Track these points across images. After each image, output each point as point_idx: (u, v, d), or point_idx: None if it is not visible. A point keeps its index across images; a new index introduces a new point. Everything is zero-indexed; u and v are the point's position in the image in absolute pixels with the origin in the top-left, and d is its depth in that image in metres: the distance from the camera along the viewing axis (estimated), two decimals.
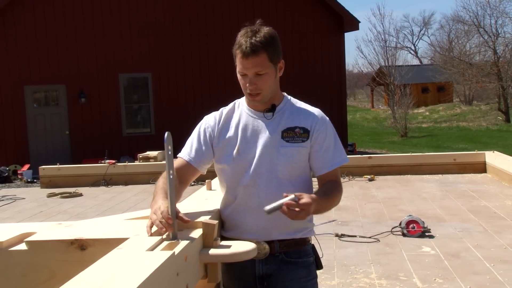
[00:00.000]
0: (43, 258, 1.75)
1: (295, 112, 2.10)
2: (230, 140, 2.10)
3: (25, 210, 7.96)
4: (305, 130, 2.06)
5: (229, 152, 2.09)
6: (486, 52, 31.19)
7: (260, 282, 2.10)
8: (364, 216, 6.44)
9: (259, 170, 2.05)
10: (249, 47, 1.95)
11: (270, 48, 1.99)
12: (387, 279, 4.27)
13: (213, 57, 16.02)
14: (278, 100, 2.12)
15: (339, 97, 17.47)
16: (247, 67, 1.98)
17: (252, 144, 2.07)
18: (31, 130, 15.44)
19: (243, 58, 1.97)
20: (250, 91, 2.02)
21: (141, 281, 1.28)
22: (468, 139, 21.57)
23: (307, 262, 2.13)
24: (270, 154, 2.05)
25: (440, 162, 9.35)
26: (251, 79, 2.00)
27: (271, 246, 2.05)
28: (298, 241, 2.11)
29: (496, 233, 5.41)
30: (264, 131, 2.07)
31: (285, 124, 2.07)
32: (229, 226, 2.14)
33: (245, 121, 2.11)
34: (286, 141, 2.05)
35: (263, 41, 1.97)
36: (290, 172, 2.05)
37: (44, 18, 15.38)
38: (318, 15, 16.97)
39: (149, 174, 9.65)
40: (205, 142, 2.13)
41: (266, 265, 2.08)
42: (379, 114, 37.30)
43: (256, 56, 1.96)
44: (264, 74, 2.00)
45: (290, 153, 2.04)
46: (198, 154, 2.11)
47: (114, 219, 2.11)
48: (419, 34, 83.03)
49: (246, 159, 2.07)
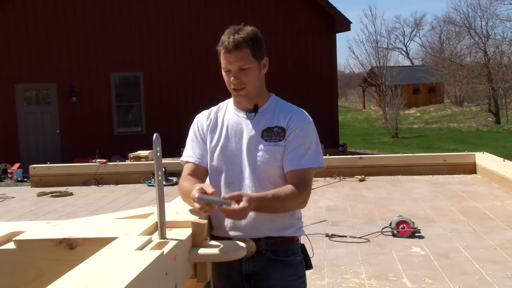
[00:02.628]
0: (32, 257, 1.74)
1: (277, 112, 2.13)
2: (216, 137, 2.15)
3: (15, 209, 7.91)
4: (282, 129, 2.09)
5: (214, 150, 2.14)
6: (477, 54, 31.45)
7: (247, 280, 2.10)
8: (354, 216, 6.46)
9: (240, 168, 2.09)
10: (232, 42, 2.00)
11: (252, 44, 2.03)
12: (377, 279, 4.28)
13: (205, 56, 16.00)
14: (263, 100, 2.15)
15: (330, 98, 17.52)
16: (230, 62, 2.02)
17: (234, 142, 2.12)
18: (21, 128, 15.35)
19: (226, 53, 2.02)
20: (234, 85, 2.05)
21: (129, 281, 1.28)
22: (458, 140, 21.69)
23: (294, 261, 2.13)
24: (250, 153, 2.08)
25: (430, 163, 9.39)
26: (235, 73, 2.03)
27: (258, 243, 2.05)
28: (286, 239, 2.12)
29: (485, 234, 5.44)
30: (246, 130, 2.11)
31: (265, 123, 2.10)
32: (215, 225, 2.15)
33: (230, 120, 2.15)
34: (265, 140, 2.08)
35: (246, 37, 2.02)
36: (268, 171, 2.07)
37: (35, 15, 15.30)
38: (310, 15, 17.00)
39: (140, 173, 9.62)
40: (202, 140, 2.18)
41: (253, 263, 2.09)
42: (370, 114, 37.43)
43: (238, 51, 2.01)
44: (248, 69, 2.03)
45: (267, 152, 2.07)
46: (202, 153, 2.16)
47: (104, 218, 2.11)
48: (411, 35, 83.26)
49: (229, 157, 2.11)
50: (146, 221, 1.93)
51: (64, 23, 15.45)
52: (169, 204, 2.16)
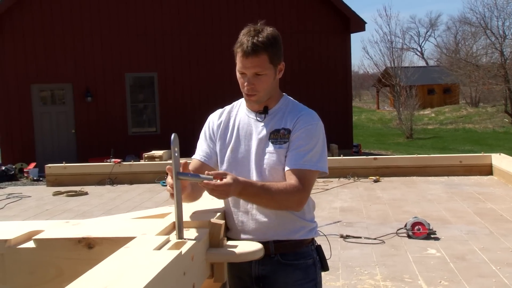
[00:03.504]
0: (51, 256, 1.76)
1: (286, 114, 2.08)
2: (226, 138, 2.13)
3: (30, 208, 7.99)
4: (288, 131, 2.04)
5: (224, 151, 2.12)
6: (493, 54, 31.08)
7: (256, 283, 2.09)
8: (369, 218, 6.43)
9: (248, 171, 2.06)
10: (251, 46, 1.94)
11: (271, 50, 1.98)
12: (392, 281, 4.26)
13: (218, 56, 16.03)
14: (275, 102, 2.10)
15: (345, 98, 17.45)
16: (246, 67, 1.98)
17: (244, 144, 2.09)
18: (37, 128, 15.50)
19: (243, 57, 1.97)
20: (247, 91, 2.03)
21: (148, 280, 1.29)
22: (474, 141, 21.49)
23: (304, 264, 2.08)
24: (258, 155, 2.05)
25: (446, 164, 9.32)
26: (250, 79, 2.00)
27: (266, 247, 1.98)
28: (296, 243, 2.07)
29: (502, 236, 5.39)
30: (255, 132, 2.08)
31: (273, 125, 2.07)
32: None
33: (241, 121, 2.13)
34: (272, 143, 2.04)
35: (265, 41, 1.96)
36: (274, 174, 2.02)
37: (51, 17, 15.45)
38: (324, 15, 16.96)
39: (154, 173, 9.67)
40: (211, 139, 2.15)
41: (262, 266, 2.06)
42: (384, 115, 37.22)
43: (256, 57, 1.95)
44: (263, 75, 1.99)
45: (273, 155, 2.03)
46: (208, 152, 2.14)
47: (121, 218, 2.12)
48: (426, 36, 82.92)
49: (238, 159, 2.08)
50: (163, 221, 1.94)
51: (80, 25, 15.58)
52: (185, 205, 2.17)
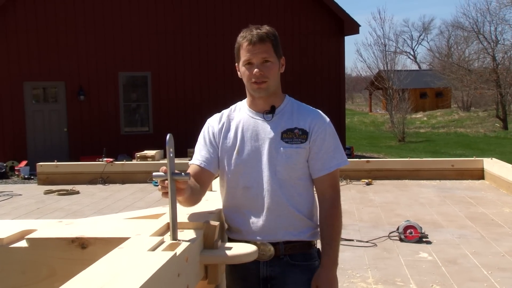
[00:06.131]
0: (44, 255, 1.74)
1: (295, 113, 2.11)
2: (231, 141, 2.11)
3: (21, 207, 7.94)
4: (303, 132, 2.07)
5: (229, 153, 2.11)
6: (485, 59, 31.31)
7: (264, 284, 2.09)
8: (361, 220, 6.44)
9: (258, 171, 2.06)
10: (256, 35, 2.03)
11: (274, 40, 2.07)
12: (384, 284, 4.26)
13: (213, 57, 16.02)
14: (279, 101, 2.13)
15: (338, 100, 17.47)
16: (254, 53, 2.02)
17: (252, 145, 2.08)
18: (29, 126, 15.40)
19: (249, 45, 2.03)
20: (257, 78, 2.03)
21: (143, 281, 1.28)
22: (465, 145, 21.60)
23: (312, 265, 2.11)
24: (270, 155, 2.05)
25: (438, 167, 9.35)
26: (258, 65, 2.03)
27: (276, 247, 2.05)
28: (304, 244, 2.10)
29: (493, 240, 5.41)
30: (264, 132, 2.08)
31: (284, 125, 2.08)
32: (233, 228, 2.13)
33: (245, 122, 2.12)
34: (286, 142, 2.05)
35: (268, 32, 2.06)
36: (289, 173, 2.05)
37: (45, 14, 15.36)
38: (319, 17, 16.98)
39: (146, 173, 9.61)
40: (211, 144, 2.14)
41: (271, 267, 2.08)
42: (377, 118, 37.33)
43: (263, 44, 2.03)
44: (270, 62, 2.05)
45: (289, 154, 2.04)
46: (208, 157, 2.12)
47: (114, 218, 2.10)
48: (419, 39, 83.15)
49: (246, 160, 2.08)
50: (158, 222, 1.93)
51: (73, 22, 15.49)
52: (179, 205, 2.16)
